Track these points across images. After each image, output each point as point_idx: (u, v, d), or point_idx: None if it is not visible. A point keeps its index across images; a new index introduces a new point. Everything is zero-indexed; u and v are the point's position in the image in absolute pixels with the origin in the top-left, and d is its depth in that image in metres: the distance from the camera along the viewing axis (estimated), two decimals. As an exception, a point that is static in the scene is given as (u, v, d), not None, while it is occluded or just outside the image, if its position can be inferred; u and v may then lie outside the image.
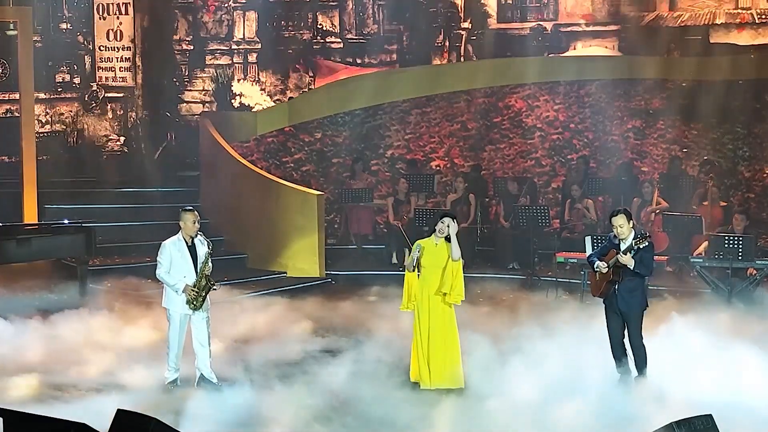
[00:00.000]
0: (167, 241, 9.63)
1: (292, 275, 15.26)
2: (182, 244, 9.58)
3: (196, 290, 9.47)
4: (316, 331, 11.90)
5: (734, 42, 17.84)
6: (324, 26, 19.32)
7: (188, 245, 9.59)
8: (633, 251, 9.15)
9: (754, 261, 13.19)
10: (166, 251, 9.56)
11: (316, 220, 15.32)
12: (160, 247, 9.62)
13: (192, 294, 9.46)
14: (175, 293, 9.50)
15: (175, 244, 9.58)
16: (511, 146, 17.85)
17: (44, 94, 18.48)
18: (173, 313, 9.56)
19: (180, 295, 9.47)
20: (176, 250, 9.55)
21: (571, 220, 15.81)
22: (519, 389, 9.07)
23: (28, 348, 10.67)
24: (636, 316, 9.31)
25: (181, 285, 9.45)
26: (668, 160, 16.83)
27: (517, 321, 12.05)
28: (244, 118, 18.49)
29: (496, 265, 15.57)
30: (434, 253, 9.74)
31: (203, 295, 9.52)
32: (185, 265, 9.51)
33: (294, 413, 8.81)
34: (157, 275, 9.62)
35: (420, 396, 9.35)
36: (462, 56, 19.03)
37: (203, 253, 9.59)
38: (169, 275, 9.49)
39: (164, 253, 9.55)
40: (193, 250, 9.60)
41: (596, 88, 17.78)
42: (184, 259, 9.53)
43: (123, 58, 19.13)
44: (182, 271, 9.50)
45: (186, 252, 9.55)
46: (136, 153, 19.14)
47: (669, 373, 9.19)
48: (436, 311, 9.66)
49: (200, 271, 9.53)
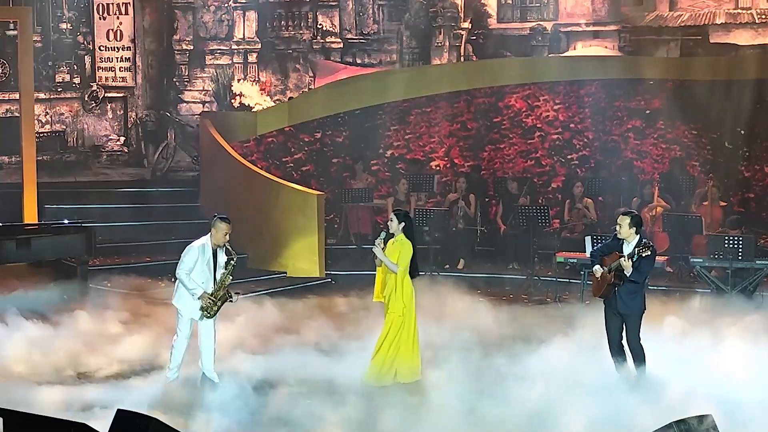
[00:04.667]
0: (195, 244, 9.43)
1: (292, 275, 15.26)
2: (209, 251, 9.41)
3: (212, 299, 9.38)
4: (316, 331, 11.90)
5: (734, 42, 17.84)
6: (324, 26, 19.32)
7: (213, 252, 9.46)
8: (635, 257, 9.16)
9: (754, 261, 13.20)
10: (192, 253, 9.36)
11: (316, 220, 15.32)
12: (187, 248, 9.42)
13: (208, 302, 9.37)
14: (187, 295, 9.39)
15: (203, 249, 9.39)
16: (511, 146, 17.84)
17: (44, 94, 18.48)
18: (183, 313, 9.48)
19: (195, 300, 9.38)
20: (202, 255, 9.37)
21: (571, 220, 15.81)
22: (519, 389, 9.08)
23: (27, 348, 10.67)
24: (635, 319, 9.32)
25: (199, 291, 9.33)
26: (668, 160, 16.84)
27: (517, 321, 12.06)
28: (244, 118, 18.48)
29: (496, 265, 15.57)
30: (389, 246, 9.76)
31: (219, 305, 9.45)
32: (206, 272, 9.39)
33: (294, 413, 8.81)
34: (177, 273, 9.42)
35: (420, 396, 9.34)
36: (462, 56, 19.03)
37: (221, 265, 9.48)
38: (188, 278, 9.33)
39: (190, 254, 9.36)
40: (215, 259, 9.48)
41: (596, 88, 17.77)
42: (208, 266, 9.39)
43: (123, 58, 19.13)
44: (201, 277, 9.38)
45: (210, 259, 9.41)
46: (136, 153, 19.16)
47: (668, 373, 9.19)
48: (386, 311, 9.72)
49: (221, 281, 9.44)
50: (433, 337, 10.89)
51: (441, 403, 8.90)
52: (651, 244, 9.28)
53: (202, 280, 9.37)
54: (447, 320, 11.80)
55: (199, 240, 9.47)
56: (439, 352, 10.50)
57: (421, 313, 10.13)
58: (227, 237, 9.47)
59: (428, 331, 11.12)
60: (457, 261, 15.75)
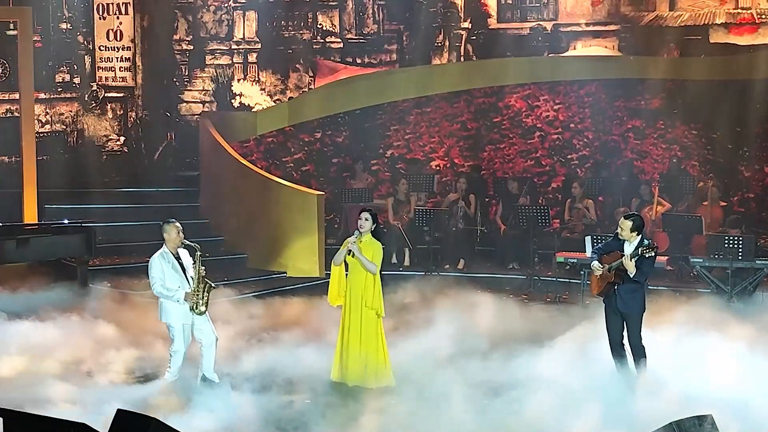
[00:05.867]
0: (155, 256, 9.52)
1: (292, 275, 15.25)
2: (170, 257, 9.50)
3: (197, 294, 9.43)
4: (316, 331, 11.89)
5: (734, 42, 17.84)
6: (324, 26, 19.32)
7: (175, 256, 9.53)
8: (638, 257, 9.16)
9: (754, 261, 13.20)
10: (156, 265, 9.46)
11: (316, 220, 15.32)
12: (149, 264, 9.50)
13: (194, 299, 9.42)
14: (170, 305, 9.44)
15: (163, 257, 9.50)
16: (511, 146, 17.85)
17: (44, 94, 18.47)
18: (174, 324, 9.52)
19: (182, 304, 9.40)
20: (166, 262, 9.47)
21: (571, 220, 15.81)
22: (518, 389, 9.08)
23: (27, 348, 10.67)
24: (635, 318, 9.33)
25: (180, 294, 9.40)
26: (668, 160, 16.84)
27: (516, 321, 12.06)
28: (244, 118, 18.48)
29: (496, 265, 15.57)
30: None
31: (205, 297, 9.49)
32: (177, 276, 9.46)
33: (294, 413, 8.81)
34: (154, 292, 9.51)
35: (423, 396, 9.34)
36: (462, 56, 19.03)
37: (189, 263, 9.56)
38: (166, 288, 9.41)
39: (155, 267, 9.46)
40: (180, 261, 9.55)
41: (596, 88, 17.78)
42: (176, 271, 9.47)
43: (123, 58, 19.13)
44: (175, 282, 9.44)
45: (176, 263, 9.50)
46: (136, 153, 19.15)
47: (669, 373, 9.19)
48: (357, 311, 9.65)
49: (196, 275, 9.48)
50: (433, 337, 10.89)
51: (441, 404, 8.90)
52: (655, 245, 9.29)
53: (178, 285, 9.44)
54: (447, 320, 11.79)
55: (156, 252, 9.55)
56: (439, 352, 10.50)
57: (421, 312, 10.12)
58: (180, 235, 9.53)
59: (428, 331, 11.15)
60: (457, 261, 15.75)
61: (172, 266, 9.47)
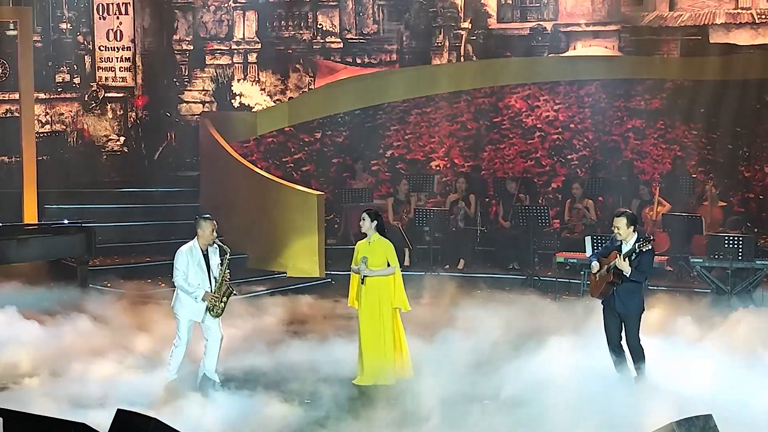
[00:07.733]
0: (183, 248, 9.41)
1: (292, 275, 15.27)
2: (198, 252, 9.40)
3: (217, 296, 9.38)
4: (316, 331, 11.90)
5: (734, 42, 17.83)
6: (324, 26, 19.32)
7: (203, 253, 9.44)
8: (635, 254, 9.15)
9: (754, 261, 13.20)
10: (182, 258, 9.35)
11: (316, 220, 15.32)
12: (176, 254, 9.40)
13: (213, 300, 9.37)
14: (185, 298, 9.38)
15: (191, 252, 9.38)
16: (511, 146, 17.84)
17: (44, 94, 18.48)
18: (181, 318, 9.47)
19: (198, 303, 9.36)
20: (192, 257, 9.36)
21: (571, 220, 15.81)
22: (517, 390, 9.08)
23: (27, 349, 10.66)
24: (634, 318, 9.31)
25: (200, 292, 9.33)
26: (668, 160, 16.84)
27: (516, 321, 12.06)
28: (244, 118, 18.48)
29: (496, 265, 15.57)
30: (367, 251, 9.76)
31: (225, 302, 9.44)
32: (200, 273, 9.38)
33: (294, 413, 8.82)
34: (175, 282, 9.42)
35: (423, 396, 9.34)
36: (462, 56, 19.02)
37: (216, 263, 9.47)
38: (187, 283, 9.33)
39: (180, 260, 9.35)
40: (207, 259, 9.46)
41: (596, 88, 17.77)
42: (200, 268, 9.38)
43: (123, 58, 19.13)
44: (197, 279, 9.36)
45: (202, 260, 9.39)
46: (136, 153, 19.15)
47: (668, 373, 9.19)
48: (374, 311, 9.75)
49: (220, 277, 9.41)
50: (433, 338, 10.90)
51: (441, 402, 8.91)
52: (650, 238, 9.24)
53: (198, 282, 9.37)
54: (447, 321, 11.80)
55: (186, 244, 9.46)
56: (439, 353, 10.50)
57: (420, 312, 10.13)
58: (214, 234, 9.48)
59: (428, 332, 11.15)
60: (457, 261, 15.75)
61: (198, 262, 9.36)
